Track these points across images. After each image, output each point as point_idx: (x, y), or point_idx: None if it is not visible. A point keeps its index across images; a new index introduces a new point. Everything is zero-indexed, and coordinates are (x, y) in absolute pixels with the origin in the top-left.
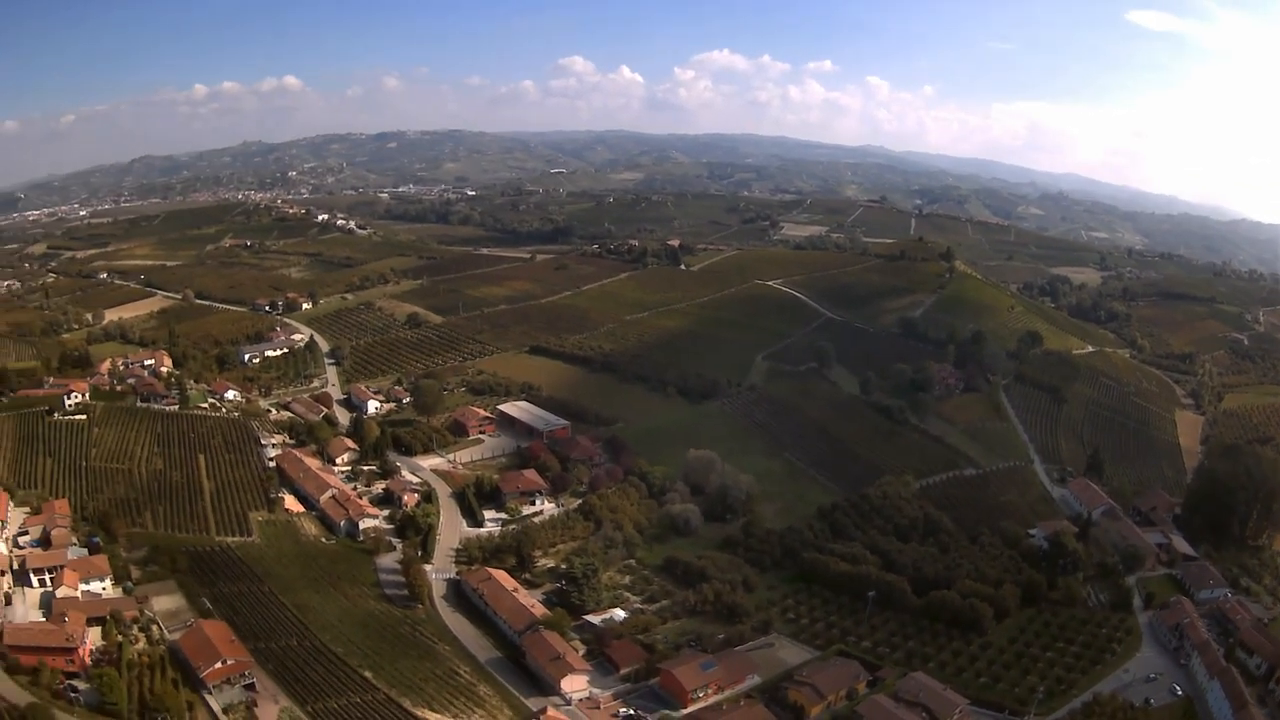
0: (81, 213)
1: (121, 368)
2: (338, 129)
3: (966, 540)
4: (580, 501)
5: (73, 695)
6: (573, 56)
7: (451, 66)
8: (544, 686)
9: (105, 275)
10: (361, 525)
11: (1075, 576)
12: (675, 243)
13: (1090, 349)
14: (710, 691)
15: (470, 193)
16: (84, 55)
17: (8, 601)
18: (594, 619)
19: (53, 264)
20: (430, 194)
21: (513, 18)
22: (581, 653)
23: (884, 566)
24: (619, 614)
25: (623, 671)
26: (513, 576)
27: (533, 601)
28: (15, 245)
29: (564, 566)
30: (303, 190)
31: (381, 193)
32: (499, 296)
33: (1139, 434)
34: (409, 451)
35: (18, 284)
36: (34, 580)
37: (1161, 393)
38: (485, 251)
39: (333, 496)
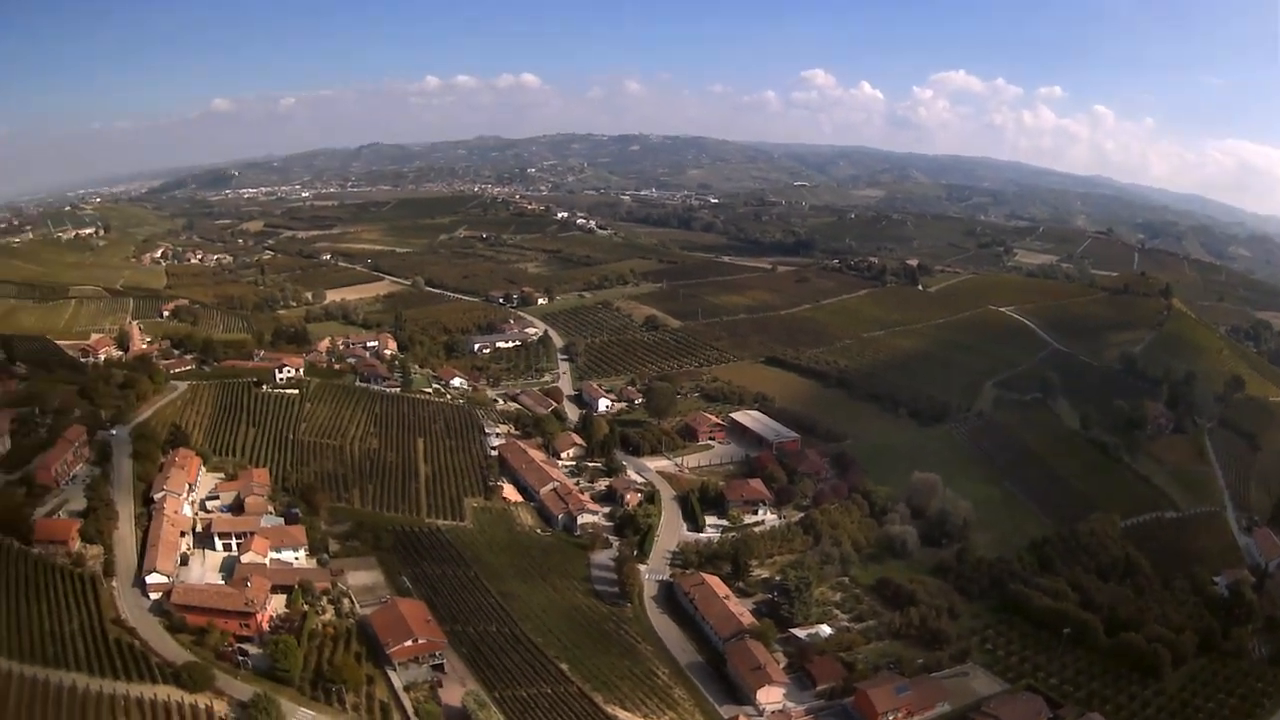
0: (304, 194)
1: (341, 347)
2: (576, 129)
3: (1160, 584)
4: (802, 515)
5: (240, 659)
6: (815, 70)
7: (694, 73)
8: (740, 695)
9: (328, 256)
10: (580, 520)
11: (1246, 628)
12: (914, 263)
13: None
14: (900, 716)
15: (713, 200)
16: (307, 42)
17: (184, 562)
18: (800, 633)
19: (270, 242)
20: (673, 199)
21: (756, 29)
22: (782, 665)
23: (1082, 604)
24: (825, 630)
25: (819, 688)
26: (726, 584)
27: (742, 610)
28: (228, 221)
29: (778, 578)
30: (541, 187)
31: (623, 195)
32: (738, 305)
33: None
34: (637, 452)
35: (230, 258)
36: (218, 544)
37: None
38: (727, 259)
39: (553, 489)
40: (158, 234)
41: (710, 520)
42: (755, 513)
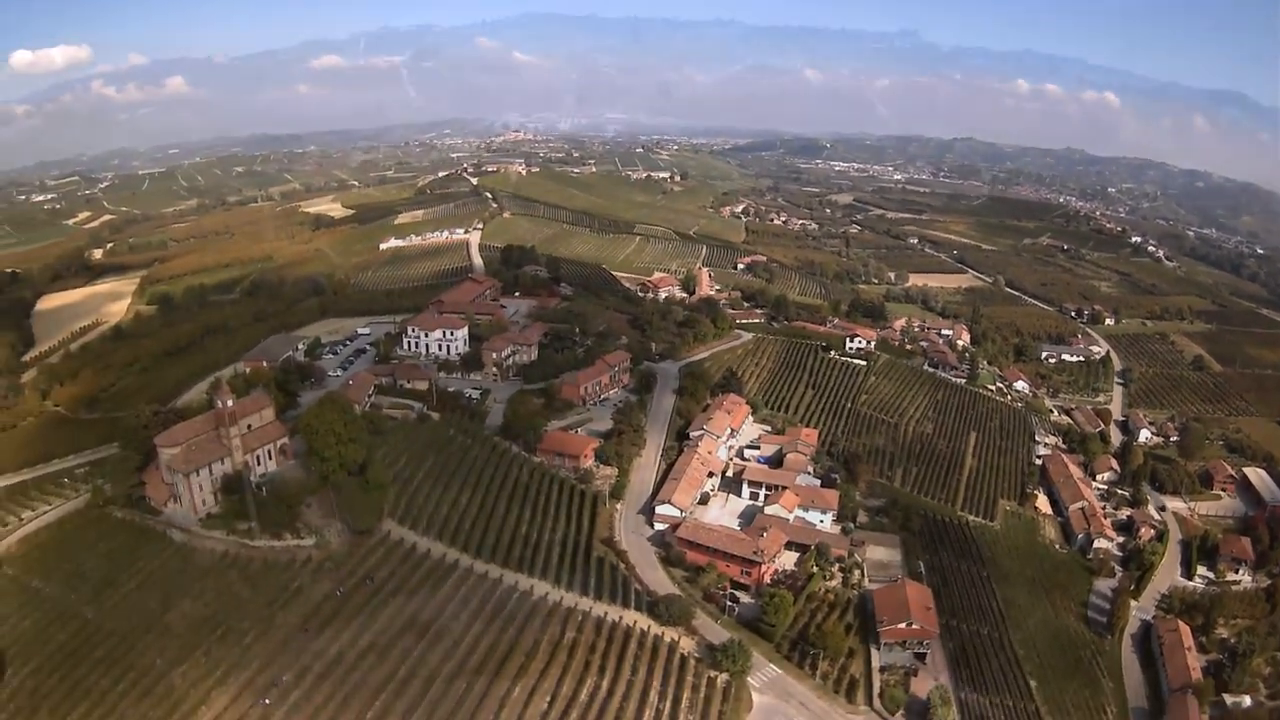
0: (896, 176)
1: (916, 329)
2: (1151, 155)
3: None
4: (1270, 583)
5: (729, 604)
6: None
7: (1256, 114)
8: None
9: (915, 241)
10: (1096, 544)
11: None
12: None
13: None
14: None
15: (1260, 251)
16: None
17: (703, 501)
18: (1228, 698)
19: (858, 217)
20: (1227, 242)
21: None
22: None
23: None
24: (1246, 701)
25: None
26: (1195, 636)
27: (1195, 665)
28: (817, 190)
29: (1232, 640)
30: (1120, 209)
31: (1189, 230)
32: (1269, 361)
33: None
34: (1160, 488)
35: (815, 226)
36: (745, 491)
37: None
38: (1265, 313)
39: (1081, 509)
40: (739, 190)
41: (1200, 570)
42: (1236, 571)
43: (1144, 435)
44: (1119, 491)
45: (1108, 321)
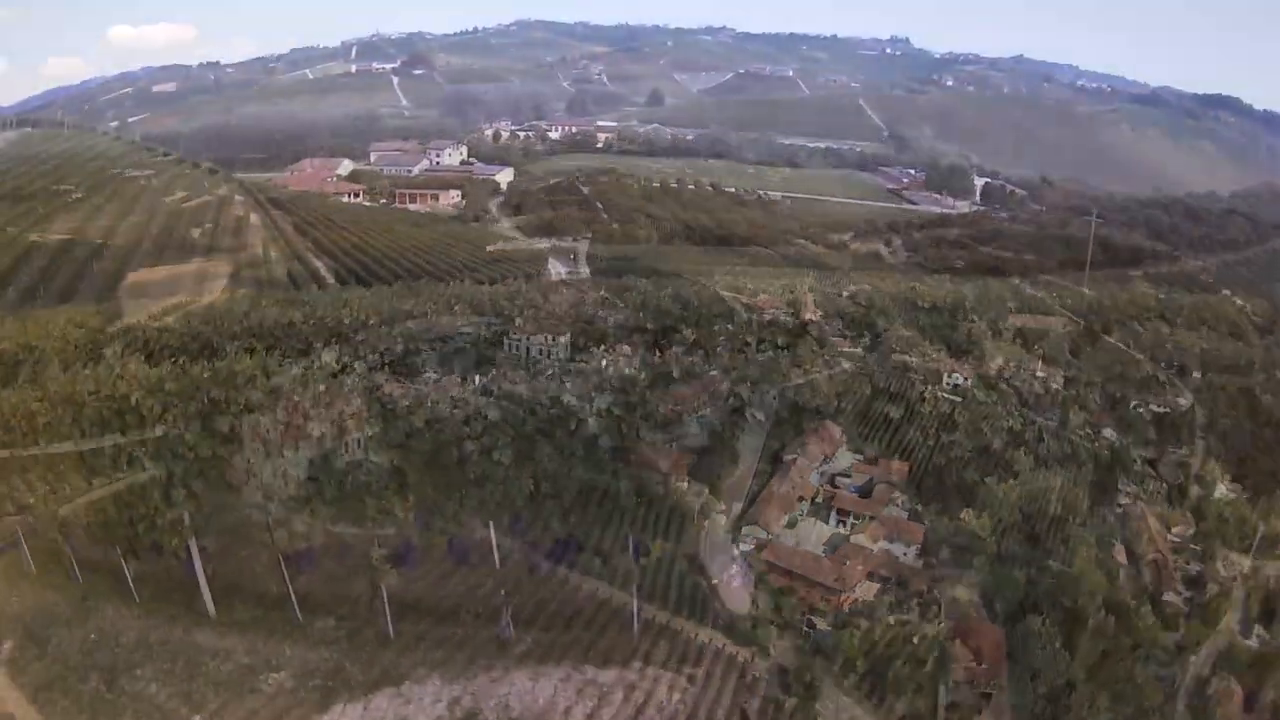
0: (1003, 214)
1: (1012, 368)
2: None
3: None
4: None
5: (805, 629)
6: None
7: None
8: None
9: (1016, 280)
10: (1165, 597)
11: None
12: None
13: None
14: None
15: None
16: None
17: (791, 525)
18: None
19: (960, 251)
20: None
21: None
22: None
23: None
24: None
25: None
26: (1246, 697)
27: None
28: (918, 216)
29: None
30: (1208, 257)
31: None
32: None
33: None
34: (1230, 544)
35: (918, 255)
36: (833, 519)
37: None
38: None
39: (1155, 561)
40: (843, 216)
41: (1257, 630)
42: None
43: (1220, 490)
44: (1191, 546)
45: (1195, 375)
